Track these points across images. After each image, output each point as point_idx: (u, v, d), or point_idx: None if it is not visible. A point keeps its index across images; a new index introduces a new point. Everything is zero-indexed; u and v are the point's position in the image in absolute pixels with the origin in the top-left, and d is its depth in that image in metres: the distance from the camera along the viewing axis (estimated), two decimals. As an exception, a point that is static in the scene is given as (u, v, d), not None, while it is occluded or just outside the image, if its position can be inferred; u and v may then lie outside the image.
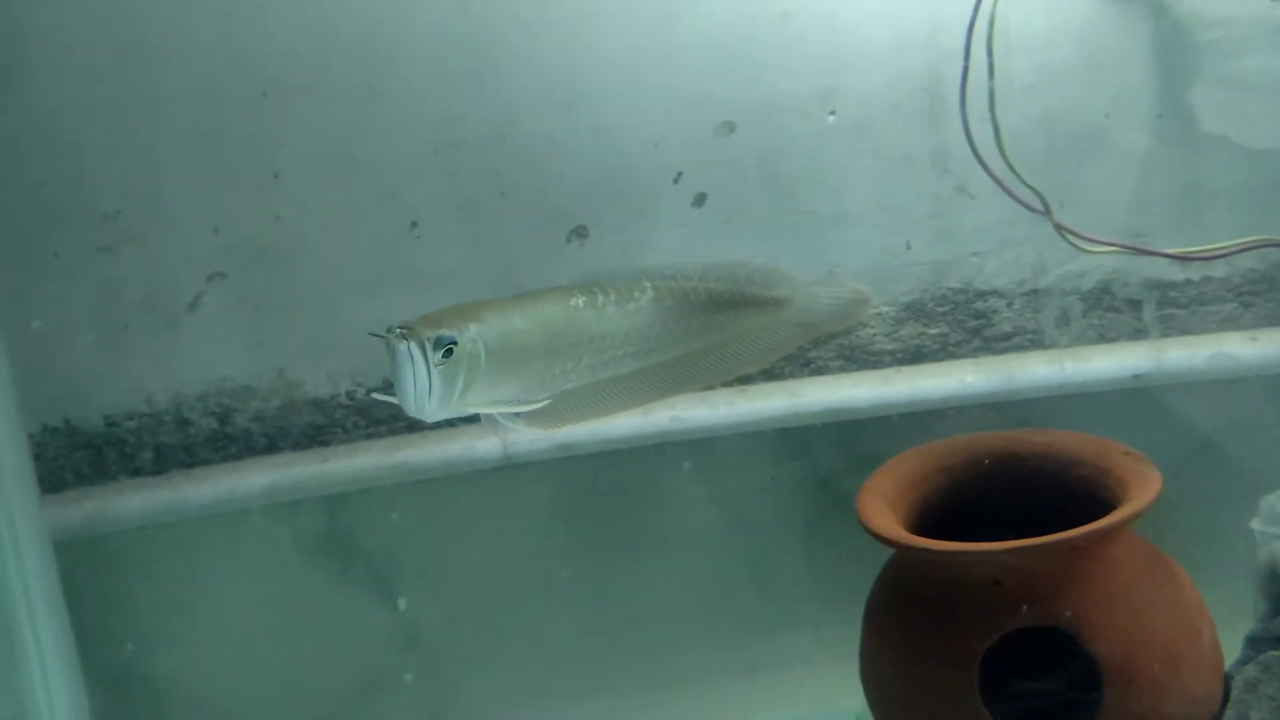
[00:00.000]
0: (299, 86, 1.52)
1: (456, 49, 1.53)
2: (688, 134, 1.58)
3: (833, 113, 1.58)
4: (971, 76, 1.50)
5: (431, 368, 0.99)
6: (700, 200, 1.60)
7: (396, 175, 1.56)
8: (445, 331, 1.00)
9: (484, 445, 1.54)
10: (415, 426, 1.59)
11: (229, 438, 1.60)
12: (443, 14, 1.52)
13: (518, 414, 1.10)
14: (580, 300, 1.11)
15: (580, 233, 1.59)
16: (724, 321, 1.18)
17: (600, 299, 1.12)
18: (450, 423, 1.50)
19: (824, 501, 1.62)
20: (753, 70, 1.56)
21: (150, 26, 1.50)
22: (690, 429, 1.55)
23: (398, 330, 0.99)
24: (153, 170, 1.53)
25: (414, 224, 1.58)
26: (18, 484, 1.37)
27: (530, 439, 1.55)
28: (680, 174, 1.59)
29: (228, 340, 1.58)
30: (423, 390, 0.99)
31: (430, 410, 1.02)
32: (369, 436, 1.62)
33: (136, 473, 1.58)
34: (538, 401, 1.10)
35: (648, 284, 1.15)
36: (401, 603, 1.61)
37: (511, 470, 1.57)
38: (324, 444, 1.60)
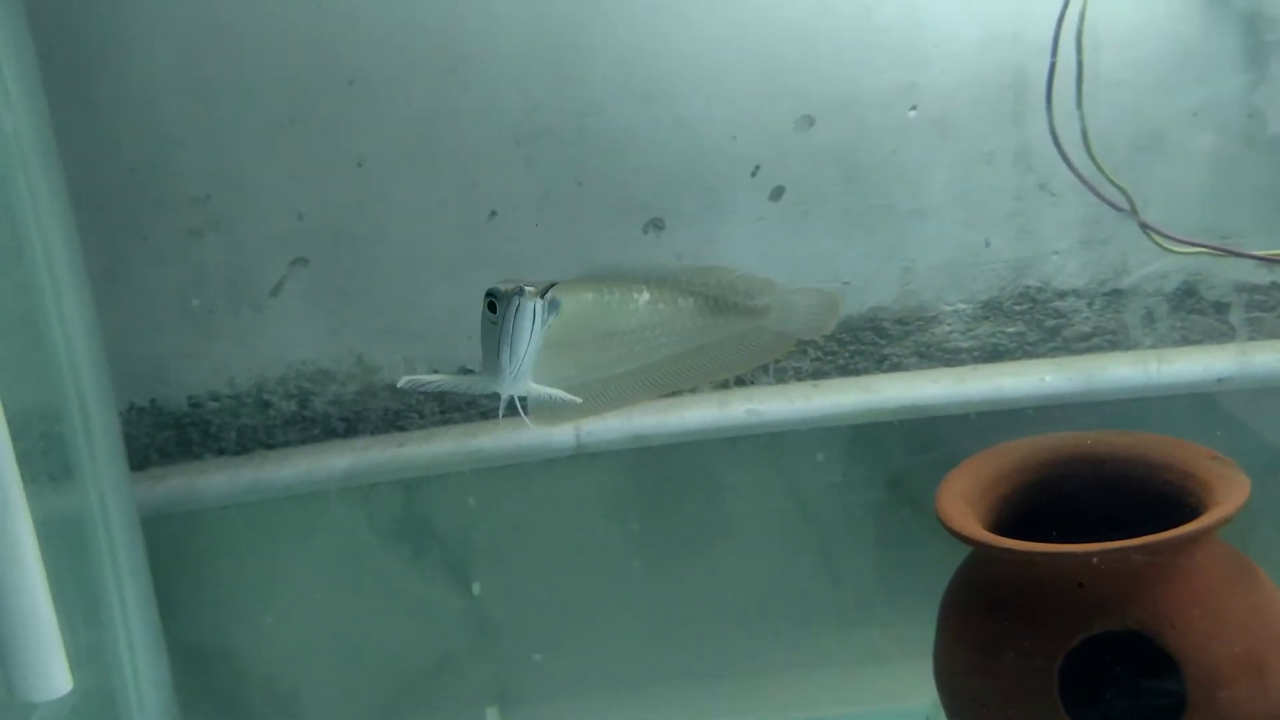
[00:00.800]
0: (383, 75, 1.54)
1: (538, 38, 1.54)
2: (766, 127, 1.58)
3: (914, 108, 1.56)
4: (1058, 73, 1.49)
5: (541, 330, 1.00)
6: (778, 194, 1.59)
7: (477, 164, 1.58)
8: (556, 296, 1.01)
9: (559, 434, 1.55)
10: (489, 413, 1.61)
11: (308, 420, 1.63)
12: (524, 3, 1.53)
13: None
14: (591, 296, 1.12)
15: (657, 224, 1.60)
16: (708, 327, 1.18)
17: (607, 298, 1.13)
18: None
19: (895, 499, 1.62)
20: (833, 64, 1.55)
21: (238, 12, 1.53)
22: (766, 422, 1.55)
23: (527, 287, 0.99)
24: (239, 156, 1.56)
25: (493, 213, 1.59)
26: (109, 462, 1.41)
27: (597, 428, 1.56)
28: (758, 167, 1.59)
29: (308, 325, 1.61)
30: (530, 355, 1.01)
31: (520, 381, 1.03)
32: (445, 423, 1.64)
33: (220, 453, 1.62)
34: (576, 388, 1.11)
35: (644, 288, 1.15)
36: (475, 587, 1.64)
37: (585, 459, 1.58)
38: (401, 429, 1.63)
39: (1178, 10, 1.51)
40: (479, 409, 1.63)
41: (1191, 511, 1.26)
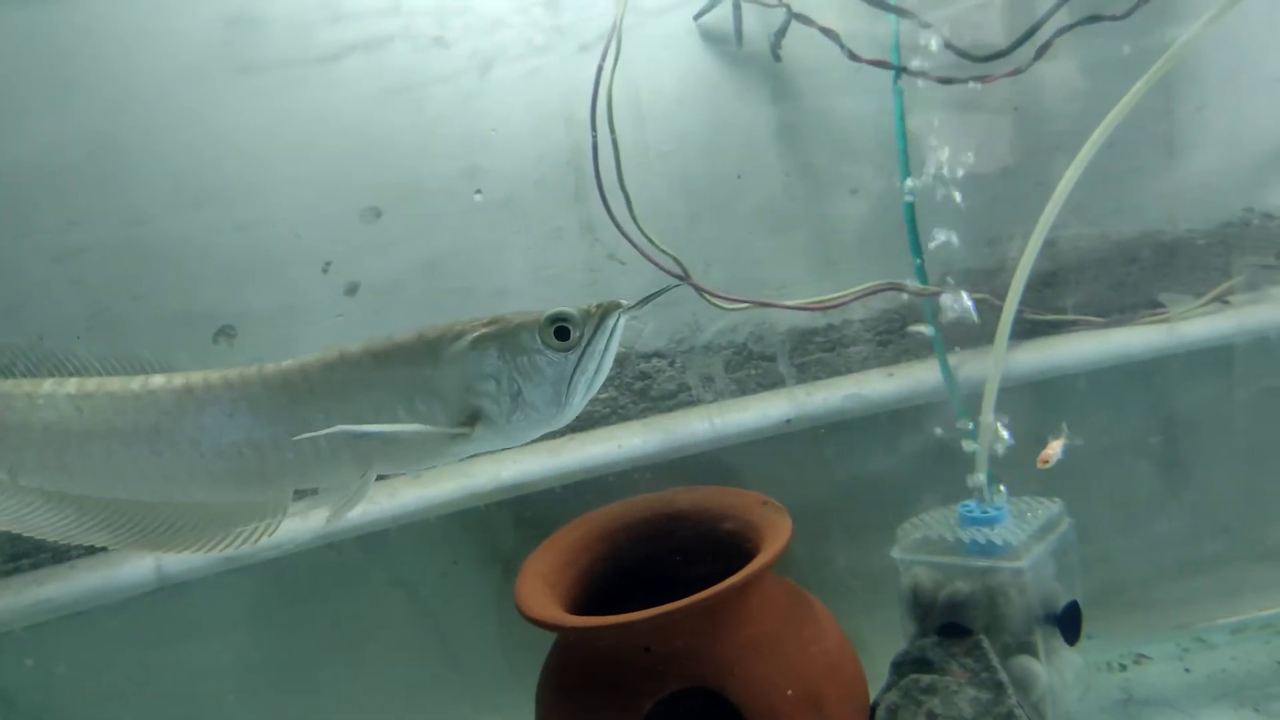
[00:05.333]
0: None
1: (67, 150, 1.45)
2: (332, 222, 1.55)
3: (479, 191, 1.59)
4: (611, 149, 1.55)
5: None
6: (353, 288, 1.57)
7: (13, 288, 1.46)
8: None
9: (141, 568, 1.45)
10: (60, 557, 1.48)
11: None
12: (51, 117, 1.44)
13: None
14: None
15: (228, 332, 1.53)
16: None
17: None
18: (91, 550, 1.41)
19: (510, 579, 1.61)
20: (394, 155, 1.56)
21: None
22: (370, 521, 1.50)
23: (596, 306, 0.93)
24: None
25: (40, 338, 1.47)
26: None
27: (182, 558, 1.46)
28: (329, 263, 1.56)
29: None
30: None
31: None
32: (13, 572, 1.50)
33: None
34: None
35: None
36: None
37: (169, 591, 1.48)
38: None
39: (712, 81, 1.62)
40: (48, 551, 1.49)
41: (749, 557, 1.32)
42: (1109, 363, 1.60)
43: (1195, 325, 1.58)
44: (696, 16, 1.58)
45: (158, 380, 0.96)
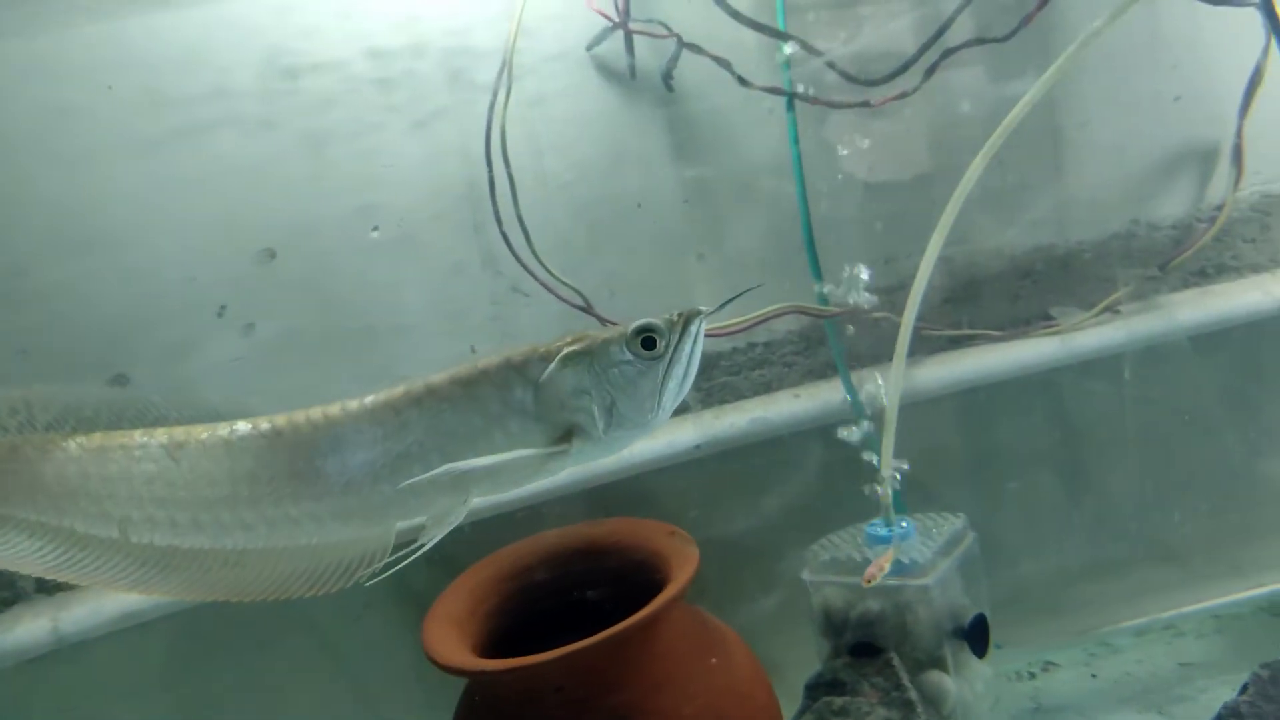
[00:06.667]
0: None
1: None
2: (226, 265, 1.53)
3: (376, 228, 1.57)
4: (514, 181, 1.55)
5: None
6: (249, 330, 1.54)
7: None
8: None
9: (23, 632, 1.40)
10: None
11: None
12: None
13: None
14: None
15: (121, 380, 1.50)
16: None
17: None
18: None
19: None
20: (287, 194, 1.53)
21: None
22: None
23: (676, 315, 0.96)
24: None
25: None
26: None
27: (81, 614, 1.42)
28: (224, 306, 1.53)
29: None
30: None
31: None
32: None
33: None
34: None
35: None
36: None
37: (67, 653, 1.43)
38: None
39: (607, 112, 1.62)
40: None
41: (659, 587, 1.31)
42: (1007, 375, 1.63)
43: (1087, 336, 1.62)
44: (589, 48, 1.58)
45: (243, 426, 0.96)
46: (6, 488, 0.96)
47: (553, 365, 0.95)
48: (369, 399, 0.96)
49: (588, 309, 1.56)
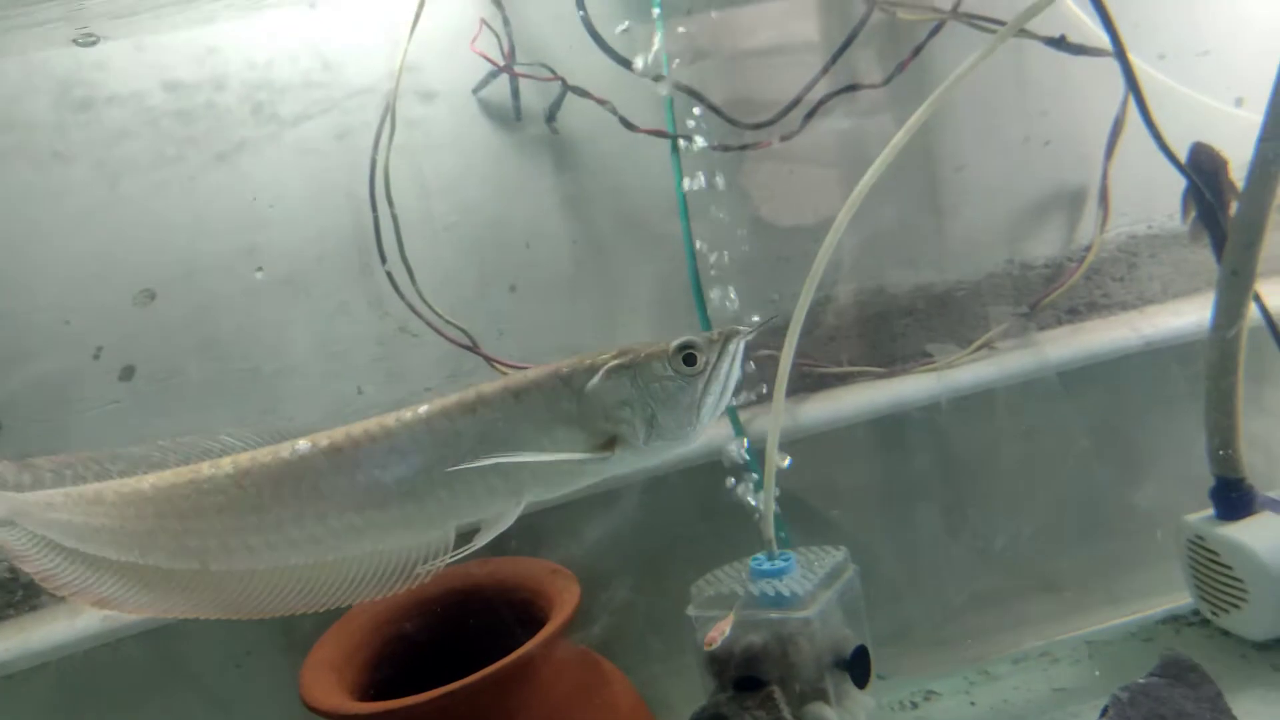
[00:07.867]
0: None
1: None
2: (103, 306, 1.51)
3: (260, 269, 1.56)
4: (398, 223, 1.55)
5: None
6: (128, 373, 1.52)
7: None
8: None
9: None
10: None
11: None
12: None
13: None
14: None
15: (-10, 426, 1.46)
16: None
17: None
18: None
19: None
20: (167, 234, 1.52)
21: None
22: (133, 623, 1.44)
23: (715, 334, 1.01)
24: None
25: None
26: None
27: None
28: (100, 349, 1.51)
29: None
30: None
31: None
32: None
33: None
34: None
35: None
36: None
37: None
38: None
39: (493, 152, 1.64)
40: None
41: (541, 625, 1.32)
42: (888, 411, 1.67)
43: (962, 372, 1.67)
44: (475, 90, 1.60)
45: (303, 444, 1.00)
46: (94, 529, 1.00)
47: (597, 377, 1.00)
48: (423, 409, 1.00)
49: (475, 349, 1.57)
